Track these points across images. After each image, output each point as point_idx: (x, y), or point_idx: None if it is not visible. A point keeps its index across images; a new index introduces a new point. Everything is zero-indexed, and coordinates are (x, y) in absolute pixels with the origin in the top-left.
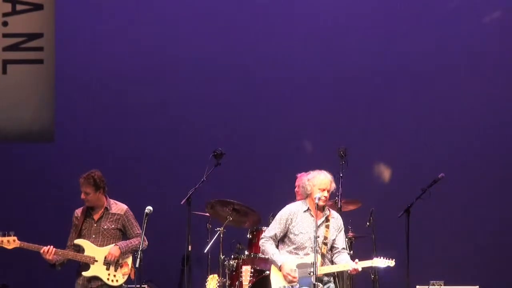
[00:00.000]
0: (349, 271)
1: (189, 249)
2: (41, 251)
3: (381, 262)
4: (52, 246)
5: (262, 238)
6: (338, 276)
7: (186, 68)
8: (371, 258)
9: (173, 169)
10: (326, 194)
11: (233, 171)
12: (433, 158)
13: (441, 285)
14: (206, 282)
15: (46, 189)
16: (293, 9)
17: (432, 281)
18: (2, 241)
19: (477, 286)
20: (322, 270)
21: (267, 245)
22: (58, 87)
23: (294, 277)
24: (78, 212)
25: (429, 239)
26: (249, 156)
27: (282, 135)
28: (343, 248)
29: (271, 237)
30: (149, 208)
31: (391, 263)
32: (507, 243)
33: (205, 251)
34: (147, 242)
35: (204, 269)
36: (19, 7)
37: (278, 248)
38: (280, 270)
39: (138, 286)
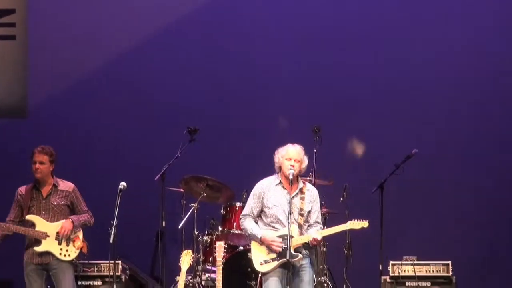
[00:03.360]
0: (309, 242)
1: (163, 225)
2: None
3: (355, 224)
4: None
5: (241, 217)
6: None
7: (160, 42)
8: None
9: (147, 145)
10: (293, 163)
11: (207, 147)
12: (407, 134)
13: (414, 260)
14: (180, 257)
15: (16, 165)
16: None
17: (405, 257)
18: None
19: (450, 261)
20: (293, 242)
21: (245, 222)
22: (31, 64)
23: (279, 244)
24: (22, 190)
25: (402, 214)
26: (223, 133)
27: (256, 112)
28: (316, 222)
29: (248, 214)
30: (123, 184)
31: (365, 224)
32: (479, 219)
33: (179, 226)
34: (93, 219)
35: (178, 245)
36: None
37: (257, 224)
38: (262, 243)
39: (112, 262)
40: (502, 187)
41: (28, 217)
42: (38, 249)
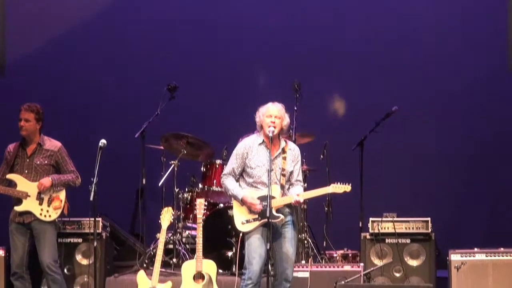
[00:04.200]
0: (292, 203)
1: (143, 182)
2: None
3: (338, 188)
4: None
5: (222, 176)
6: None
7: (140, 2)
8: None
9: (127, 103)
10: (273, 119)
11: (187, 104)
12: (387, 92)
13: (394, 217)
14: (161, 215)
15: None
16: None
17: (385, 214)
18: None
19: (429, 218)
20: (275, 203)
21: (227, 182)
22: (9, 22)
23: (259, 205)
24: (11, 147)
25: (382, 172)
26: (203, 90)
27: (237, 69)
28: (297, 180)
29: (229, 173)
30: (103, 142)
31: (348, 188)
32: (458, 176)
33: (159, 184)
34: (80, 179)
35: (159, 202)
36: None
37: (239, 183)
38: (242, 204)
39: (92, 219)
40: (481, 145)
41: (9, 176)
42: (18, 208)
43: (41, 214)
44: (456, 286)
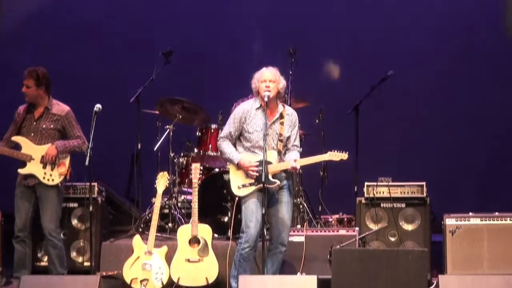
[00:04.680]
0: (288, 169)
1: (139, 147)
2: None
3: (335, 156)
4: None
5: (219, 139)
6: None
7: None
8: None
9: (122, 67)
10: (268, 83)
11: (182, 69)
12: (383, 55)
13: (389, 182)
14: (156, 179)
15: None
16: None
17: (380, 178)
18: None
19: (424, 183)
20: (271, 168)
21: (223, 145)
22: None
23: (254, 167)
24: (21, 108)
25: (377, 136)
26: (198, 55)
27: (232, 33)
28: (294, 145)
29: (226, 137)
30: (98, 106)
31: (345, 156)
32: (453, 140)
33: (155, 149)
34: (87, 144)
35: (154, 167)
36: None
37: (236, 147)
38: (238, 168)
39: (88, 184)
40: (476, 107)
41: (14, 138)
42: (21, 171)
43: (44, 178)
44: (451, 251)
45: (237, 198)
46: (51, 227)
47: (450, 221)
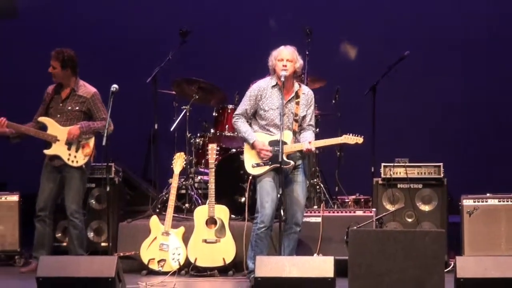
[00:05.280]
0: (303, 151)
1: (156, 127)
2: None
3: (350, 139)
4: (4, 118)
5: (234, 116)
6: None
7: None
8: (340, 136)
9: (139, 48)
10: (285, 62)
11: (199, 49)
12: (400, 35)
13: (406, 162)
14: (173, 160)
15: (9, 65)
16: None
17: (397, 159)
18: None
19: (441, 163)
20: (286, 148)
21: (239, 123)
22: None
23: (267, 151)
24: (50, 89)
25: (394, 117)
26: (215, 35)
27: (248, 13)
28: (309, 125)
29: (242, 114)
30: (114, 86)
31: (360, 140)
32: (471, 121)
33: (172, 129)
34: (112, 127)
35: (171, 147)
36: None
37: (251, 125)
38: (253, 148)
39: (105, 164)
40: (494, 88)
41: (40, 119)
42: (47, 152)
43: (68, 159)
44: (468, 232)
45: (251, 177)
46: (73, 208)
47: (467, 202)
